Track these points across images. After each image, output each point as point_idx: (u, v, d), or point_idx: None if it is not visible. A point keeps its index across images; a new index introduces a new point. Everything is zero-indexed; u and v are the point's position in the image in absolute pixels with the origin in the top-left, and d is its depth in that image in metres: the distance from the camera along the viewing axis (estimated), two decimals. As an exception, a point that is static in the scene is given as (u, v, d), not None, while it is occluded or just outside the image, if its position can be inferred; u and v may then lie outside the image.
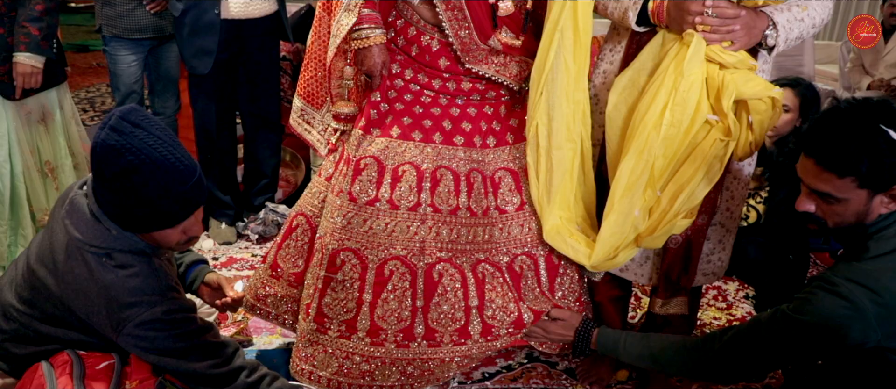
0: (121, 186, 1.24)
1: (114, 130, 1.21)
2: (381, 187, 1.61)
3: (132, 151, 1.21)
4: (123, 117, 1.22)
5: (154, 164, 1.22)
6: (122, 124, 1.22)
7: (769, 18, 1.48)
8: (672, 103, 1.46)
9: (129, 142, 1.21)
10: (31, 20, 2.11)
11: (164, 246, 1.38)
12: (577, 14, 1.49)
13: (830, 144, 1.22)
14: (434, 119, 1.66)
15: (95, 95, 5.42)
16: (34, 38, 2.12)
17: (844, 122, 1.22)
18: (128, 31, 2.66)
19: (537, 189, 1.62)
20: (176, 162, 1.25)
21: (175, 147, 1.26)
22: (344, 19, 1.58)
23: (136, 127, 1.22)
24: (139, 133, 1.22)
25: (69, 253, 1.31)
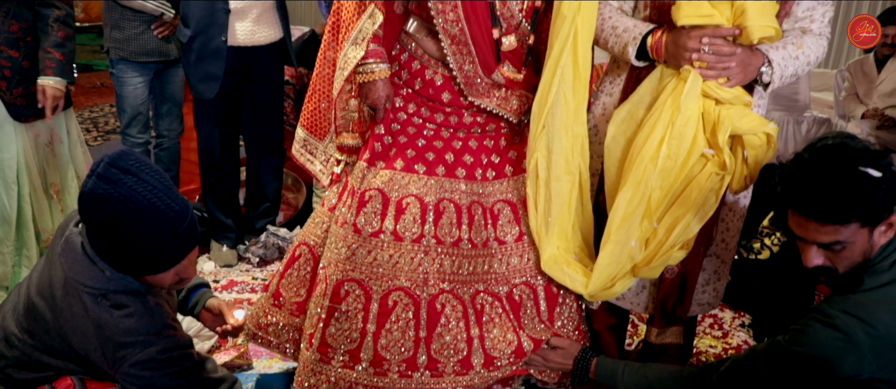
0: (110, 234, 1.24)
1: (102, 179, 1.20)
2: (386, 219, 1.64)
3: (120, 200, 1.19)
4: (112, 164, 1.21)
5: (143, 212, 1.21)
6: (111, 171, 1.20)
7: (764, 56, 1.52)
8: (669, 137, 1.49)
9: (117, 191, 1.20)
10: (55, 45, 2.17)
11: (157, 287, 1.39)
12: (577, 51, 1.54)
13: (825, 200, 1.25)
14: (437, 152, 1.69)
15: (99, 115, 5.45)
16: (60, 62, 2.18)
17: (826, 175, 1.25)
18: (134, 54, 2.71)
19: (536, 220, 1.65)
20: (166, 209, 1.23)
21: (166, 192, 1.24)
22: (351, 53, 1.61)
23: (125, 173, 1.21)
24: (129, 180, 1.21)
25: (67, 290, 1.31)
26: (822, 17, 1.60)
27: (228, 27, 2.43)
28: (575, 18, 1.51)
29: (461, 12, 1.55)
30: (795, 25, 1.61)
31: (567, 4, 1.51)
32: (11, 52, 2.14)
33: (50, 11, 2.18)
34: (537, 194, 1.63)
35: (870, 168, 1.22)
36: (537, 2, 1.62)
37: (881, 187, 1.23)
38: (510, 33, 1.63)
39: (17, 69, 2.15)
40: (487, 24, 1.58)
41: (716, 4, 1.45)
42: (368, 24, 1.59)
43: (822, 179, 1.25)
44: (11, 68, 2.15)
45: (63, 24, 2.20)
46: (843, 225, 1.26)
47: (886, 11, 4.34)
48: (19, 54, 2.16)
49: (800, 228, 1.31)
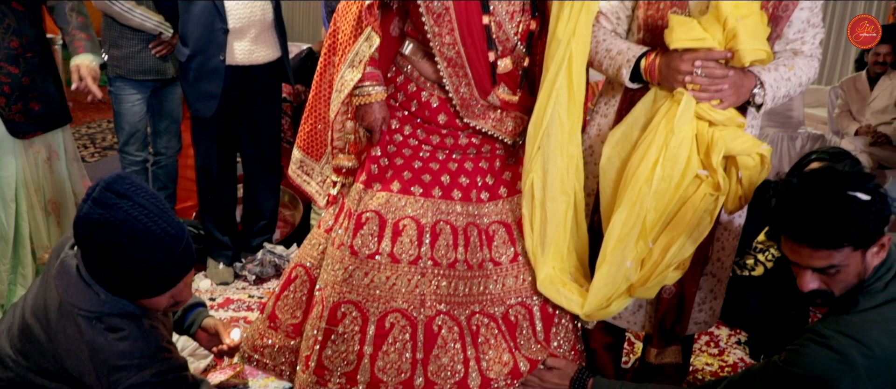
0: (106, 258, 1.24)
1: (97, 203, 1.20)
2: (383, 240, 1.64)
3: (116, 224, 1.19)
4: (108, 188, 1.21)
5: (139, 237, 1.21)
6: (107, 196, 1.21)
7: (757, 78, 1.54)
8: (663, 158, 1.51)
9: (112, 215, 1.20)
10: (79, 28, 2.18)
11: (153, 309, 1.39)
12: (573, 74, 1.55)
13: (816, 226, 1.26)
14: (433, 174, 1.70)
15: (96, 131, 5.45)
16: (87, 41, 2.18)
17: (816, 201, 1.27)
18: (132, 71, 2.72)
19: (531, 240, 1.66)
20: (161, 233, 1.23)
21: (161, 216, 1.25)
22: (348, 75, 1.62)
23: (121, 197, 1.21)
24: (124, 204, 1.21)
25: (61, 312, 1.31)
26: (812, 38, 1.63)
27: (227, 47, 2.44)
28: (570, 42, 1.53)
29: (457, 36, 1.57)
30: (787, 47, 1.63)
31: (562, 28, 1.52)
32: (11, 68, 2.14)
33: (62, 4, 2.19)
34: (533, 215, 1.64)
35: (858, 192, 1.24)
36: (532, 25, 1.63)
37: (871, 210, 1.24)
38: (506, 56, 1.64)
39: (16, 85, 2.15)
40: (483, 48, 1.60)
41: (708, 28, 1.47)
42: (365, 47, 1.61)
43: (813, 205, 1.26)
44: (11, 85, 2.15)
45: (78, 12, 2.22)
46: (835, 250, 1.27)
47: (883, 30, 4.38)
48: (19, 70, 2.16)
49: (793, 253, 1.33)
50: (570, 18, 1.51)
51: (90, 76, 2.16)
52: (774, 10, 1.53)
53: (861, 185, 1.26)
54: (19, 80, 2.16)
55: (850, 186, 1.26)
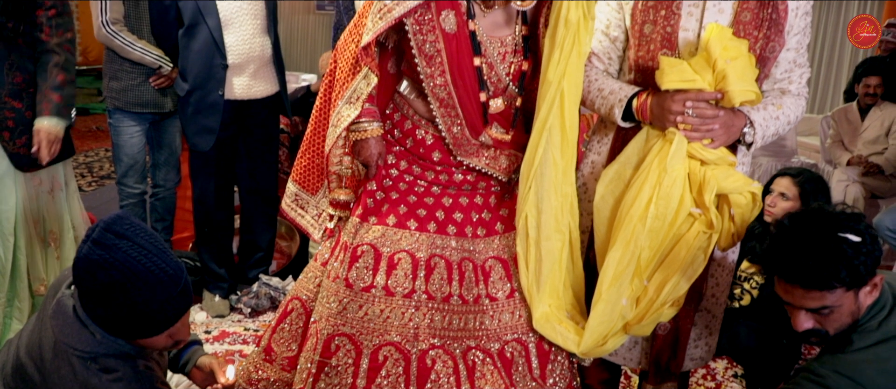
0: (105, 298, 1.24)
1: (97, 244, 1.21)
2: (377, 273, 1.65)
3: (115, 265, 1.20)
4: (108, 229, 1.22)
5: (138, 277, 1.22)
6: (106, 237, 1.22)
7: (746, 117, 1.57)
8: (657, 197, 1.53)
9: (112, 256, 1.20)
10: (53, 88, 2.17)
11: (150, 349, 1.39)
12: (564, 113, 1.57)
13: (808, 268, 1.28)
14: (428, 209, 1.71)
15: (94, 160, 5.45)
16: (57, 104, 2.16)
17: (808, 243, 1.29)
18: (130, 104, 2.74)
19: (527, 278, 1.66)
20: (160, 273, 1.24)
21: (160, 256, 1.25)
22: (345, 111, 1.65)
23: (120, 238, 1.22)
24: (123, 245, 1.22)
25: (56, 352, 1.31)
26: (799, 78, 1.66)
27: (226, 82, 2.47)
28: (561, 82, 1.55)
29: (448, 77, 1.59)
30: (775, 86, 1.67)
31: (552, 69, 1.55)
32: (15, 103, 2.17)
33: (49, 57, 2.20)
34: (528, 253, 1.65)
35: (849, 234, 1.26)
36: (524, 66, 1.66)
37: (862, 251, 1.26)
38: (498, 96, 1.66)
39: (20, 120, 2.18)
40: (474, 88, 1.62)
41: (698, 70, 1.50)
42: (363, 85, 1.63)
43: (804, 247, 1.28)
44: (15, 119, 2.17)
45: (62, 69, 2.20)
46: (828, 291, 1.29)
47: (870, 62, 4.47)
48: (22, 105, 2.18)
49: (786, 294, 1.34)
50: (561, 60, 1.54)
51: (46, 141, 2.15)
52: (762, 51, 1.57)
53: (852, 226, 1.28)
54: (23, 114, 2.19)
55: (840, 227, 1.28)
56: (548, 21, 1.58)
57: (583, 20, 1.53)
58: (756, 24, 1.55)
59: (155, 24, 2.59)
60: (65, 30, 2.23)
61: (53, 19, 2.20)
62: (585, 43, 1.56)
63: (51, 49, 2.18)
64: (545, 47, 1.57)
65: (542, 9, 1.60)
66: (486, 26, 1.61)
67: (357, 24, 1.67)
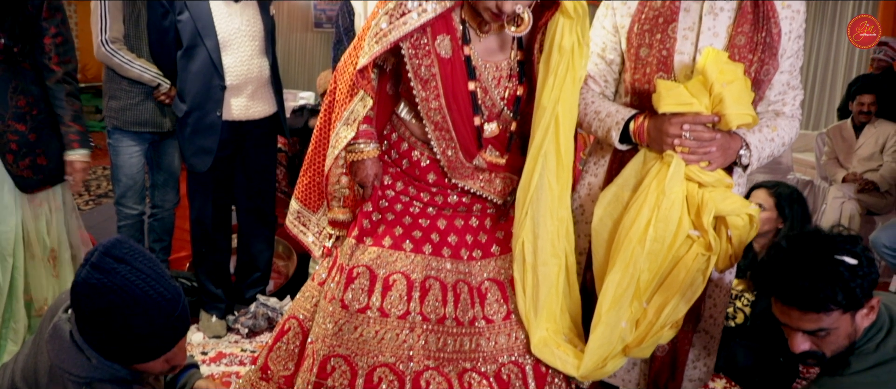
0: (103, 322, 1.24)
1: (95, 268, 1.22)
2: (373, 295, 1.65)
3: (114, 289, 1.21)
4: (107, 253, 1.23)
5: (136, 302, 1.22)
6: (105, 261, 1.22)
7: (742, 139, 1.58)
8: (655, 220, 1.53)
9: (111, 280, 1.21)
10: (74, 119, 2.27)
11: (146, 374, 1.38)
12: (559, 139, 1.58)
13: (805, 290, 1.29)
14: (423, 231, 1.72)
15: (91, 178, 5.43)
16: (82, 134, 2.28)
17: (805, 265, 1.30)
18: (129, 123, 2.73)
19: (524, 303, 1.66)
20: (158, 298, 1.25)
21: (158, 281, 1.26)
22: (342, 132, 1.66)
23: (119, 262, 1.23)
24: (122, 269, 1.22)
25: (51, 377, 1.31)
26: (793, 100, 1.68)
27: (224, 103, 2.48)
28: (556, 108, 1.56)
29: (443, 101, 1.60)
30: (769, 108, 1.68)
31: (547, 95, 1.56)
32: (18, 126, 2.20)
33: (61, 88, 2.26)
34: (524, 279, 1.65)
35: (846, 256, 1.26)
36: (519, 90, 1.66)
37: (858, 274, 1.27)
38: (492, 120, 1.67)
39: (23, 142, 2.21)
40: (469, 113, 1.63)
41: (694, 93, 1.51)
42: (360, 107, 1.65)
43: (801, 269, 1.29)
44: (18, 142, 2.20)
45: (75, 98, 2.30)
46: (824, 313, 1.29)
47: (863, 79, 4.51)
48: (26, 128, 2.22)
49: (783, 315, 1.34)
50: (555, 86, 1.55)
51: (82, 171, 2.29)
52: (757, 74, 1.58)
53: (848, 249, 1.28)
54: (26, 137, 2.22)
55: (837, 250, 1.28)
56: (542, 47, 1.59)
57: (577, 46, 1.55)
58: (750, 48, 1.57)
59: (153, 45, 2.59)
60: (70, 56, 2.29)
61: (61, 47, 2.25)
62: (580, 68, 1.57)
63: (61, 79, 2.25)
64: (540, 73, 1.58)
65: (536, 34, 1.62)
66: (481, 51, 1.63)
67: (356, 46, 1.69)
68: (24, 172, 2.22)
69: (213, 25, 2.41)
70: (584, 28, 1.55)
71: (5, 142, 2.17)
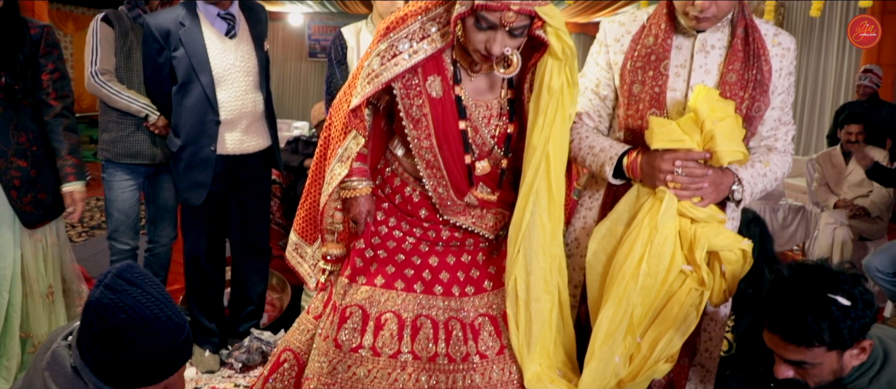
0: (112, 343, 1.25)
1: (109, 289, 1.24)
2: (365, 334, 1.66)
3: (125, 309, 1.23)
4: (119, 275, 1.25)
5: (146, 323, 1.24)
6: (118, 282, 1.25)
7: (735, 175, 1.60)
8: (648, 255, 1.54)
9: (123, 301, 1.23)
10: (70, 152, 2.33)
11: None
12: (550, 176, 1.59)
13: (791, 321, 1.30)
14: (415, 268, 1.73)
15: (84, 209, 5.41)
16: (78, 167, 2.34)
17: (797, 297, 1.31)
18: (120, 155, 2.72)
19: (517, 339, 1.66)
20: (167, 321, 1.26)
21: (167, 305, 1.28)
22: (337, 169, 1.68)
23: (131, 285, 1.25)
24: (133, 291, 1.24)
25: None
26: (785, 135, 1.70)
27: (218, 137, 2.49)
28: (546, 147, 1.57)
29: (434, 141, 1.62)
30: (761, 143, 1.71)
31: (537, 134, 1.57)
32: (21, 162, 2.23)
33: (58, 122, 2.30)
34: (518, 315, 1.65)
35: (840, 296, 1.27)
36: (509, 128, 1.68)
37: (850, 315, 1.27)
38: (483, 158, 1.68)
39: (26, 178, 2.24)
40: (459, 152, 1.64)
41: (686, 130, 1.53)
42: (353, 145, 1.67)
43: (793, 301, 1.29)
44: (21, 178, 2.23)
45: (72, 131, 2.35)
46: (807, 348, 1.30)
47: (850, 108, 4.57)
48: (28, 164, 2.25)
49: (770, 341, 1.36)
50: (545, 126, 1.56)
51: (81, 202, 2.35)
52: (748, 110, 1.61)
53: (845, 289, 1.29)
54: (28, 172, 2.25)
55: (834, 288, 1.29)
56: (532, 86, 1.61)
57: (566, 86, 1.57)
58: (742, 85, 1.60)
59: (149, 80, 2.60)
60: (67, 91, 2.33)
61: (58, 82, 2.29)
62: (569, 107, 1.59)
63: (59, 114, 2.30)
64: (530, 113, 1.60)
65: (526, 74, 1.64)
66: (472, 91, 1.65)
67: (350, 85, 1.71)
68: (27, 207, 2.25)
69: (207, 61, 2.43)
70: (572, 68, 1.57)
71: (9, 178, 2.21)
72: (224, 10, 2.48)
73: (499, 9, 1.43)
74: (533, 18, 1.48)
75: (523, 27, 1.48)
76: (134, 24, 2.73)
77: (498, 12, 1.44)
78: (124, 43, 2.70)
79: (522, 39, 1.52)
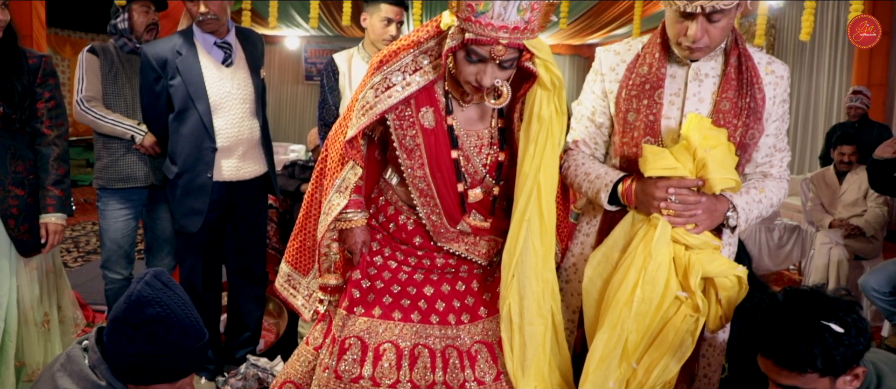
0: (143, 334, 1.34)
1: (148, 285, 1.36)
2: (364, 365, 1.68)
3: (161, 304, 1.34)
4: (156, 276, 1.38)
5: (177, 319, 1.35)
6: (155, 281, 1.37)
7: (729, 202, 1.61)
8: (642, 281, 1.55)
9: (159, 296, 1.34)
10: (55, 183, 2.29)
11: None
12: (542, 203, 1.62)
13: (784, 347, 1.31)
14: (411, 298, 1.75)
15: (80, 234, 5.37)
16: (60, 199, 2.30)
17: (790, 323, 1.31)
18: (112, 180, 2.71)
19: (512, 363, 1.67)
20: (193, 322, 1.38)
21: (192, 310, 1.40)
22: (335, 200, 1.70)
23: (165, 286, 1.37)
24: (168, 291, 1.37)
25: None
26: (780, 162, 1.72)
27: (214, 164, 2.49)
28: (537, 175, 1.60)
29: (427, 170, 1.65)
30: (757, 170, 1.73)
31: (528, 163, 1.59)
32: (18, 190, 2.24)
33: (50, 151, 2.29)
34: (512, 339, 1.66)
35: (834, 323, 1.27)
36: (500, 157, 1.71)
37: (843, 342, 1.28)
38: (475, 186, 1.71)
39: (23, 207, 2.24)
40: (452, 180, 1.67)
41: (679, 157, 1.55)
42: (351, 175, 1.70)
43: (787, 326, 1.30)
44: (18, 206, 2.23)
45: (62, 161, 2.32)
46: (799, 373, 1.30)
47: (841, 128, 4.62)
48: (25, 192, 2.25)
49: (763, 365, 1.37)
50: (536, 155, 1.59)
51: (53, 233, 2.30)
52: (742, 138, 1.62)
53: (840, 316, 1.29)
54: (25, 201, 2.26)
55: (828, 315, 1.29)
56: (522, 115, 1.64)
57: (555, 115, 1.60)
58: (735, 113, 1.62)
59: (146, 109, 2.61)
60: (62, 120, 2.33)
61: (53, 111, 2.30)
62: (558, 135, 1.62)
63: (52, 142, 2.30)
64: (520, 141, 1.63)
65: (516, 104, 1.67)
66: (463, 121, 1.68)
67: (346, 117, 1.73)
68: (23, 235, 2.25)
69: (204, 89, 2.45)
70: (560, 98, 1.61)
71: (6, 207, 2.21)
72: (221, 39, 2.51)
73: (488, 43, 1.46)
74: (522, 51, 1.51)
75: (513, 59, 1.51)
76: (120, 53, 2.78)
77: (488, 46, 1.47)
78: (110, 69, 2.73)
79: (512, 71, 1.55)
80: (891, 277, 3.40)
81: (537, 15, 1.45)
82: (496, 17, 1.42)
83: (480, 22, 1.43)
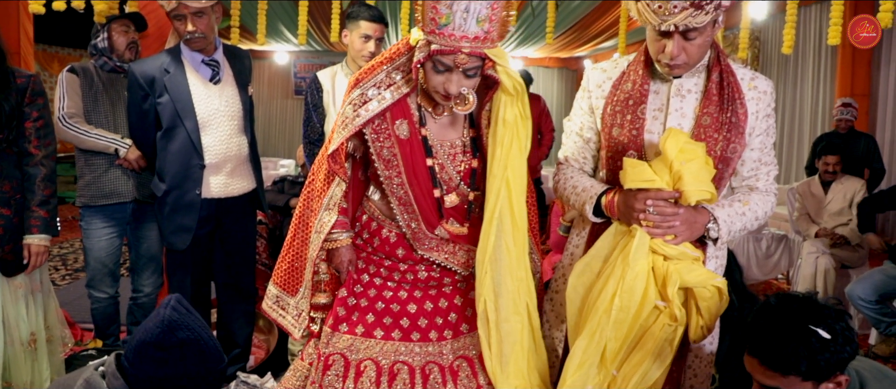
0: (173, 358, 1.37)
1: (175, 310, 1.41)
2: (346, 381, 1.74)
3: (189, 328, 1.40)
4: (179, 301, 1.44)
5: (204, 342, 1.41)
6: (180, 306, 1.43)
7: (710, 214, 1.63)
8: (621, 291, 1.58)
9: (186, 320, 1.40)
10: (40, 204, 2.27)
11: None
12: (512, 202, 1.68)
13: (770, 348, 1.34)
14: (393, 316, 1.81)
15: (68, 251, 5.34)
16: (44, 220, 2.28)
17: (779, 325, 1.34)
18: (95, 197, 2.71)
19: (490, 361, 1.71)
20: (215, 348, 1.43)
21: (212, 336, 1.44)
22: (325, 217, 1.78)
23: (188, 311, 1.43)
24: (191, 316, 1.42)
25: None
26: (766, 176, 1.75)
27: (203, 181, 2.50)
28: (505, 174, 1.67)
29: (404, 178, 1.72)
30: (743, 183, 1.76)
31: (496, 164, 1.68)
32: (4, 210, 2.22)
33: (37, 171, 2.27)
34: (489, 336, 1.71)
35: (821, 329, 1.30)
36: (474, 163, 1.78)
37: (829, 348, 1.30)
38: (451, 192, 1.78)
39: (8, 227, 2.22)
40: (429, 186, 1.74)
41: (657, 170, 1.58)
42: (337, 191, 1.78)
43: (774, 328, 1.32)
44: (4, 226, 2.21)
45: (49, 182, 2.30)
46: (782, 375, 1.32)
47: (827, 139, 4.67)
48: (10, 212, 2.23)
49: (749, 364, 1.39)
50: (502, 156, 1.67)
51: (36, 254, 2.28)
52: (723, 152, 1.65)
53: (827, 322, 1.31)
54: (11, 220, 2.24)
55: (816, 320, 1.32)
56: (490, 122, 1.72)
57: (519, 119, 1.69)
58: (716, 127, 1.65)
59: (134, 127, 2.63)
60: (50, 140, 2.32)
61: (41, 130, 2.29)
62: (524, 138, 1.70)
63: (39, 162, 2.28)
64: (489, 145, 1.71)
65: (482, 112, 1.76)
66: (436, 131, 1.76)
67: (330, 138, 1.79)
68: (7, 256, 2.24)
69: (192, 107, 2.46)
70: (524, 103, 1.70)
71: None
72: (208, 56, 2.53)
73: (452, 52, 1.55)
74: (484, 60, 1.61)
75: (476, 67, 1.60)
76: (100, 72, 2.80)
77: (451, 56, 1.56)
78: (90, 88, 2.75)
79: (476, 79, 1.65)
80: (876, 285, 3.45)
81: (495, 26, 1.55)
82: (457, 28, 1.52)
83: (444, 33, 1.53)
